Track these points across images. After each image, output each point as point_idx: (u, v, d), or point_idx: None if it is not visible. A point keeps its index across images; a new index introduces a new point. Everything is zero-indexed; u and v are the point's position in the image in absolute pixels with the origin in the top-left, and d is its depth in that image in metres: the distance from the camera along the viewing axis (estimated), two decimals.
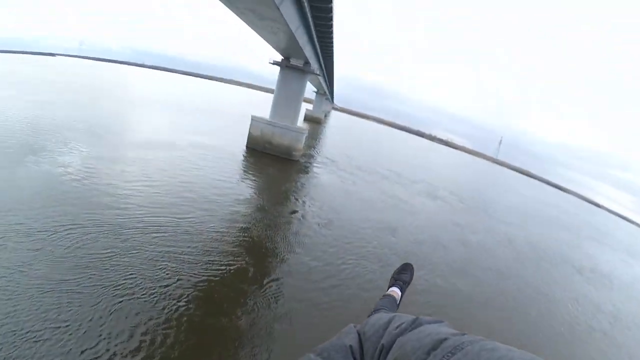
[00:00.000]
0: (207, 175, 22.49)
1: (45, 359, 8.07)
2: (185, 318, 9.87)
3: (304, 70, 33.15)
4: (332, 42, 31.96)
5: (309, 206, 21.05)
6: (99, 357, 8.31)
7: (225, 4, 19.71)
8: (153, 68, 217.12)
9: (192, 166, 23.98)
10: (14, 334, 8.58)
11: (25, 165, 19.36)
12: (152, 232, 14.11)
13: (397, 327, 1.37)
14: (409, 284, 3.24)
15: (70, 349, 8.46)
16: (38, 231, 12.99)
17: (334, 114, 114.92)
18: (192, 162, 24.91)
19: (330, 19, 23.77)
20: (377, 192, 29.27)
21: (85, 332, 9.01)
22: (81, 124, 31.64)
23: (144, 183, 19.21)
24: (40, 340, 8.57)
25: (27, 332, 8.71)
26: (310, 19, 23.16)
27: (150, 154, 25.13)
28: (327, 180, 28.99)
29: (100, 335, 8.96)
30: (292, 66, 33.04)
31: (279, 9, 17.64)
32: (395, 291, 3.10)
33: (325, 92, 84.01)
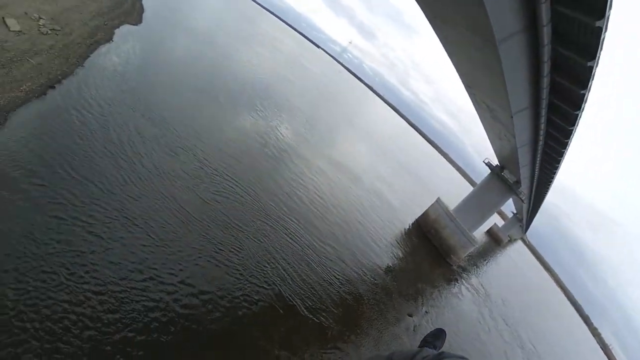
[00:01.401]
0: (366, 227, 23.41)
1: (122, 250, 10.04)
2: (241, 317, 10.68)
3: (511, 189, 31.65)
4: (552, 179, 29.91)
5: (429, 321, 19.73)
6: (155, 281, 9.88)
7: (465, 88, 20.19)
8: (389, 105, 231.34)
9: (360, 211, 25.27)
10: (119, 209, 11.18)
11: (240, 116, 25.00)
12: (286, 237, 15.84)
13: (423, 358, 1.60)
14: (439, 349, 3.21)
15: (146, 259, 10.31)
16: (206, 165, 16.62)
17: (518, 246, 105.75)
18: (362, 207, 26.24)
19: (561, 154, 22.30)
20: (502, 357, 25.68)
21: (167, 257, 10.84)
22: (300, 112, 37.67)
23: (311, 194, 21.31)
24: (131, 233, 10.73)
25: (128, 220, 11.10)
26: (540, 145, 22.05)
27: (335, 174, 27.81)
28: (465, 309, 26.66)
29: (175, 269, 10.64)
30: (502, 177, 31.86)
31: (512, 117, 17.20)
32: None
33: (522, 219, 77.96)
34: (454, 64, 18.28)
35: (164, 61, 25.45)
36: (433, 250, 30.53)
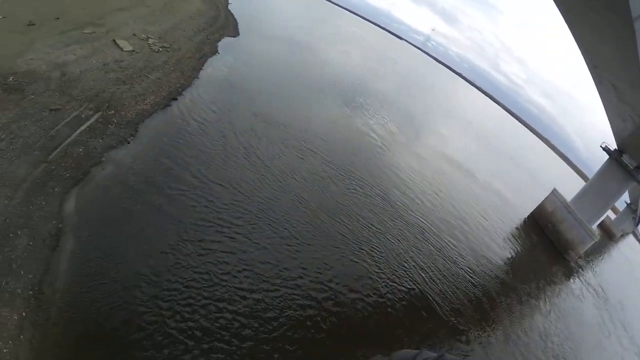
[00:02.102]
0: (484, 224, 22.51)
1: (270, 250, 10.45)
2: (386, 316, 10.70)
3: (631, 175, 28.49)
4: None
5: (552, 324, 18.00)
6: (305, 280, 10.16)
7: (589, 69, 18.80)
8: (481, 91, 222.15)
9: (475, 207, 24.38)
10: (261, 211, 11.79)
11: (349, 114, 26.12)
12: (416, 237, 15.70)
13: None
14: None
15: (294, 258, 10.66)
16: (331, 165, 17.28)
17: (629, 240, 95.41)
18: (477, 203, 25.38)
19: None
20: None
21: (313, 256, 11.12)
22: (400, 106, 38.51)
23: (431, 192, 21.11)
24: (275, 234, 11.17)
25: (270, 221, 11.62)
26: None
27: (448, 169, 27.73)
28: (586, 311, 23.85)
29: (321, 268, 10.91)
30: (621, 163, 28.79)
31: None
32: None
33: (636, 210, 70.06)
34: (580, 44, 17.21)
35: (266, 68, 26.84)
36: (550, 245, 28.50)
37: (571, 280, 26.49)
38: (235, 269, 9.29)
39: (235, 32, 30.28)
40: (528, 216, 30.84)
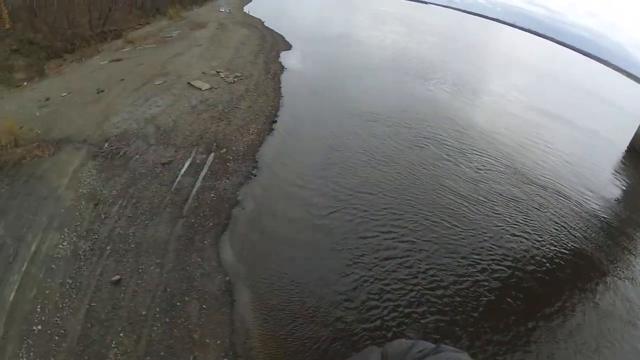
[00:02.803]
0: (594, 165, 20.43)
1: (440, 248, 9.75)
2: (557, 283, 9.93)
3: None
4: None
5: None
6: (487, 271, 9.38)
7: None
8: (523, 29, 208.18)
9: (583, 151, 22.37)
10: (412, 211, 11.06)
11: (437, 93, 25.30)
12: (558, 199, 14.42)
13: (419, 352, 1.51)
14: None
15: (468, 251, 9.88)
16: (449, 147, 16.45)
17: None
18: (584, 147, 23.50)
19: None
20: None
21: (479, 243, 10.36)
22: (473, 71, 37.71)
23: (536, 148, 19.60)
24: (436, 231, 10.40)
25: (425, 217, 10.88)
26: None
27: (540, 120, 25.97)
28: None
29: (493, 253, 10.15)
30: None
31: None
32: None
33: None
34: None
35: (334, 67, 26.73)
36: None
37: None
38: (421, 272, 8.70)
39: (287, 46, 29.91)
40: (627, 147, 27.54)
